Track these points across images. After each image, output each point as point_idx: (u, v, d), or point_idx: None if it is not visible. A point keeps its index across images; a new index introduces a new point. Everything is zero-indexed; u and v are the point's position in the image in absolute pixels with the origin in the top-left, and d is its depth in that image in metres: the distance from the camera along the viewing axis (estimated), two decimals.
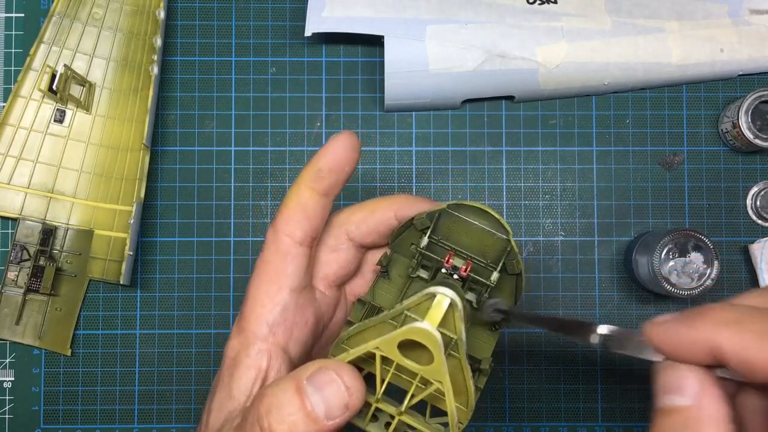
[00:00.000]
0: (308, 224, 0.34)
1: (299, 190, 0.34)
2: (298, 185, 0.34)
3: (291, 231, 0.34)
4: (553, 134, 0.50)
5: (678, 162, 0.50)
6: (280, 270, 0.34)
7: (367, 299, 0.36)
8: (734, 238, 0.49)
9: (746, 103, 0.46)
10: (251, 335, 0.33)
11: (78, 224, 0.49)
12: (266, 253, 0.34)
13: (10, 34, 0.51)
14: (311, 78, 0.50)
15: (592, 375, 0.49)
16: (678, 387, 0.24)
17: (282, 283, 0.33)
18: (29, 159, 0.49)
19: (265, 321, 0.33)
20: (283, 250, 0.34)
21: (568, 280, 0.49)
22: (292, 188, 0.35)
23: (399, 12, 0.47)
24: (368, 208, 0.37)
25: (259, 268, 0.34)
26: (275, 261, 0.34)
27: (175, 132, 0.50)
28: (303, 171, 0.34)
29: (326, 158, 0.34)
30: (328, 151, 0.34)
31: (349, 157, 0.34)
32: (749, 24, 0.49)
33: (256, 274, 0.34)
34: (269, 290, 0.33)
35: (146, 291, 0.49)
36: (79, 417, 0.49)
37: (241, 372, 0.32)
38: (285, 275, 0.34)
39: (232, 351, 0.33)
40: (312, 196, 0.34)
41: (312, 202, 0.34)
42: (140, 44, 0.49)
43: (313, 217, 0.34)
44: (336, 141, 0.34)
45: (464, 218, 0.34)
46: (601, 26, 0.48)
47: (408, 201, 0.36)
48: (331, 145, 0.34)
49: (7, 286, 0.48)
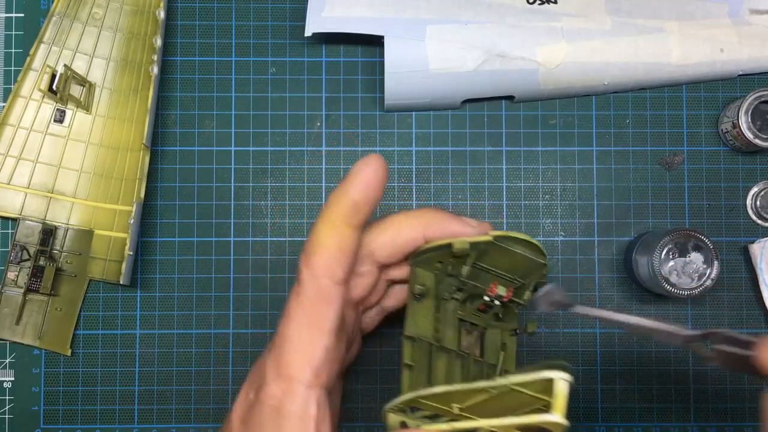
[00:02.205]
0: (347, 262, 0.32)
1: (336, 228, 0.32)
2: (333, 223, 0.32)
3: (332, 273, 0.32)
4: (553, 134, 0.50)
5: (678, 162, 0.50)
6: (322, 314, 0.32)
7: (414, 334, 0.35)
8: (734, 238, 0.49)
9: (746, 103, 0.46)
10: (296, 382, 0.31)
11: (78, 224, 0.49)
12: (305, 298, 0.32)
13: (10, 34, 0.51)
14: (311, 78, 0.50)
15: (592, 375, 0.49)
16: None
17: (324, 326, 0.32)
18: (29, 159, 0.49)
19: (311, 368, 0.31)
20: (325, 294, 0.32)
21: (568, 280, 0.49)
22: (325, 225, 0.32)
23: (399, 12, 0.47)
24: (394, 228, 0.35)
25: (298, 312, 0.32)
26: (317, 305, 0.32)
27: (175, 132, 0.50)
28: (334, 205, 0.32)
29: (361, 190, 0.32)
30: (361, 182, 0.32)
31: (381, 184, 0.32)
32: (749, 24, 0.49)
33: (295, 317, 0.32)
34: (311, 335, 0.32)
35: (146, 291, 0.49)
36: (79, 417, 0.49)
37: (294, 424, 0.31)
38: (327, 318, 0.32)
39: (272, 399, 0.32)
40: (350, 232, 0.32)
41: (350, 239, 0.32)
42: (140, 44, 0.49)
43: (351, 253, 0.32)
44: (367, 169, 0.32)
45: (507, 248, 0.34)
46: (601, 26, 0.48)
47: (436, 220, 0.35)
48: (363, 175, 0.32)
49: (7, 286, 0.48)
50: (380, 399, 0.48)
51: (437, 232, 0.35)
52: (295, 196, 0.50)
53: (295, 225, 0.50)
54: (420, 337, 0.35)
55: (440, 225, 0.34)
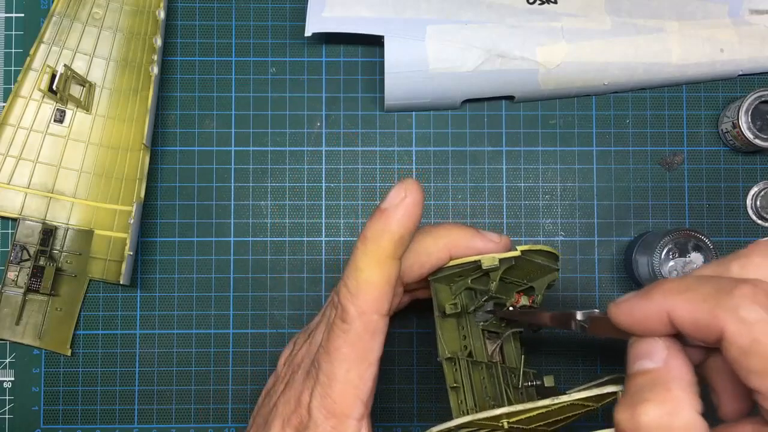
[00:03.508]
0: (392, 294, 0.32)
1: (384, 262, 0.31)
2: (380, 259, 0.31)
3: (380, 308, 0.31)
4: (553, 134, 0.50)
5: (678, 162, 0.50)
6: (369, 348, 0.32)
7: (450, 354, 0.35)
8: (734, 238, 0.49)
9: (746, 103, 0.46)
10: (348, 419, 0.31)
11: (78, 224, 0.49)
12: (354, 335, 0.31)
13: (10, 34, 0.51)
14: (311, 78, 0.50)
15: (592, 375, 0.49)
16: (647, 353, 0.26)
17: (371, 359, 0.32)
18: (29, 159, 0.49)
19: (361, 402, 0.32)
20: (372, 329, 0.32)
21: (568, 280, 0.49)
22: (371, 262, 0.31)
23: (399, 12, 0.47)
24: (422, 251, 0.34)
25: (345, 349, 0.32)
26: (366, 341, 0.31)
27: (175, 132, 0.50)
28: (379, 239, 0.31)
29: (405, 223, 0.31)
30: (405, 215, 0.31)
31: (421, 211, 0.32)
32: (749, 24, 0.49)
33: (342, 354, 0.32)
34: (361, 370, 0.32)
35: (146, 291, 0.49)
36: (79, 417, 0.49)
37: None
38: (374, 351, 0.32)
39: None
40: (395, 266, 0.32)
41: (395, 272, 0.32)
42: (140, 44, 0.49)
43: (395, 284, 0.32)
44: (408, 200, 0.31)
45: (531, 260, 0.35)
46: (601, 26, 0.48)
47: (462, 239, 0.34)
48: (405, 205, 0.31)
49: (7, 286, 0.48)
50: (380, 399, 0.48)
51: (463, 251, 0.35)
52: (295, 196, 0.50)
53: (295, 225, 0.50)
54: (454, 355, 0.36)
55: (466, 244, 0.35)
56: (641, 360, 0.26)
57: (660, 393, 0.24)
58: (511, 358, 0.38)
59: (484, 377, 0.36)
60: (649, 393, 0.24)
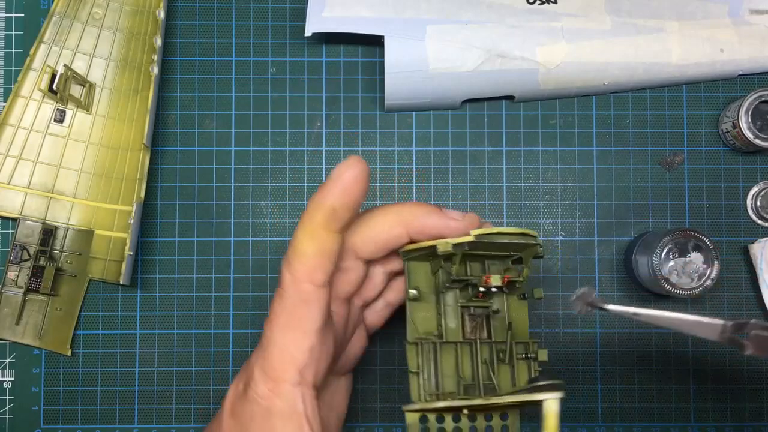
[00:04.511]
0: (329, 266, 0.32)
1: (316, 234, 0.32)
2: (313, 229, 0.32)
3: (313, 278, 0.32)
4: (553, 134, 0.50)
5: (678, 162, 0.50)
6: (304, 316, 0.32)
7: (416, 338, 0.36)
8: (734, 238, 0.49)
9: (746, 103, 0.46)
10: (282, 382, 0.32)
11: (78, 224, 0.49)
12: (287, 301, 0.32)
13: (10, 34, 0.51)
14: (311, 78, 0.50)
15: (592, 375, 0.49)
16: None
17: (307, 327, 0.32)
18: (29, 159, 0.49)
19: (295, 368, 0.32)
20: (306, 298, 0.32)
21: (568, 280, 0.49)
22: (305, 231, 0.32)
23: (399, 12, 0.47)
24: (375, 225, 0.35)
25: (281, 314, 0.33)
26: (299, 308, 0.32)
27: (175, 132, 0.50)
28: (313, 210, 0.32)
29: (340, 196, 0.32)
30: (339, 188, 0.32)
31: (362, 188, 0.32)
32: (749, 24, 0.49)
33: (278, 319, 0.33)
34: (295, 337, 0.32)
35: (146, 291, 0.49)
36: (79, 417, 0.49)
37: (285, 422, 0.32)
38: (309, 320, 0.32)
39: (262, 399, 0.32)
40: (330, 238, 0.32)
41: (331, 244, 0.32)
42: (140, 44, 0.49)
43: (332, 256, 0.32)
44: (346, 175, 0.31)
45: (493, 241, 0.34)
46: (601, 26, 0.48)
47: (416, 215, 0.34)
48: (342, 180, 0.31)
49: (7, 286, 0.48)
50: (381, 400, 0.48)
51: (418, 228, 0.34)
52: (295, 196, 0.50)
53: (295, 225, 0.49)
54: (423, 338, 0.36)
55: (421, 220, 0.34)
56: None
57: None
58: (498, 333, 0.37)
59: (464, 356, 0.36)
60: None
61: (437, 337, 0.36)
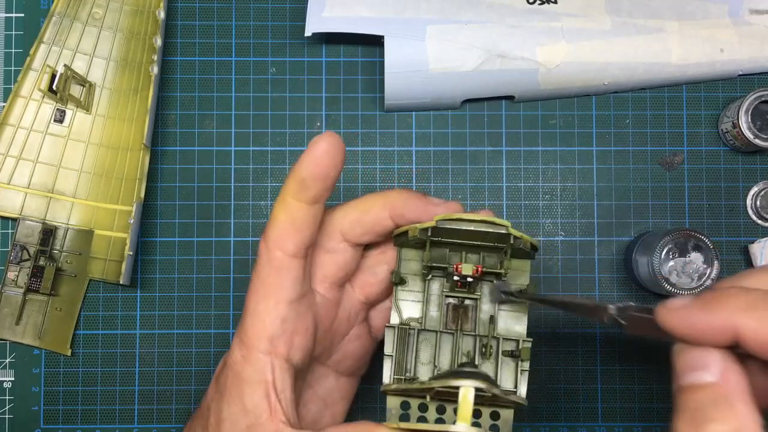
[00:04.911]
0: (299, 236, 0.33)
1: (285, 202, 0.33)
2: (284, 197, 0.33)
3: (282, 245, 0.33)
4: (553, 134, 0.50)
5: (678, 162, 0.50)
6: (275, 284, 0.33)
7: (396, 323, 0.36)
8: (734, 238, 0.49)
9: (746, 103, 0.46)
10: (253, 349, 0.33)
11: (78, 224, 0.49)
12: (260, 268, 0.33)
13: (10, 34, 0.51)
14: (311, 78, 0.50)
15: (592, 375, 0.49)
16: (702, 365, 0.25)
17: (279, 296, 0.33)
18: (29, 159, 0.49)
19: (265, 336, 0.33)
20: (276, 266, 0.33)
21: (568, 280, 0.49)
22: (278, 200, 0.33)
23: (399, 12, 0.47)
24: (361, 207, 0.36)
25: (255, 282, 0.34)
26: (270, 276, 0.33)
27: (175, 132, 0.50)
28: (287, 180, 0.33)
29: (308, 167, 0.33)
30: (309, 159, 0.33)
31: (332, 162, 0.33)
32: (749, 24, 0.49)
33: (253, 287, 0.34)
34: (267, 305, 0.33)
35: (146, 291, 0.49)
36: (79, 417, 0.49)
37: (253, 388, 0.32)
38: (281, 289, 0.33)
39: (236, 364, 0.33)
40: (300, 208, 0.33)
41: (301, 214, 0.33)
42: (140, 44, 0.49)
43: (304, 227, 0.33)
44: (317, 146, 0.33)
45: (458, 228, 0.34)
46: (601, 26, 0.48)
47: (400, 198, 0.35)
48: (312, 151, 0.33)
49: (7, 286, 0.48)
50: (381, 400, 0.48)
51: (401, 212, 0.35)
52: None
53: None
54: (403, 324, 0.36)
55: (404, 204, 0.35)
56: (696, 371, 0.25)
57: (724, 410, 0.24)
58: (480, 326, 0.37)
59: (443, 345, 0.36)
60: (713, 411, 0.24)
61: (419, 323, 0.36)
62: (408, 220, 0.35)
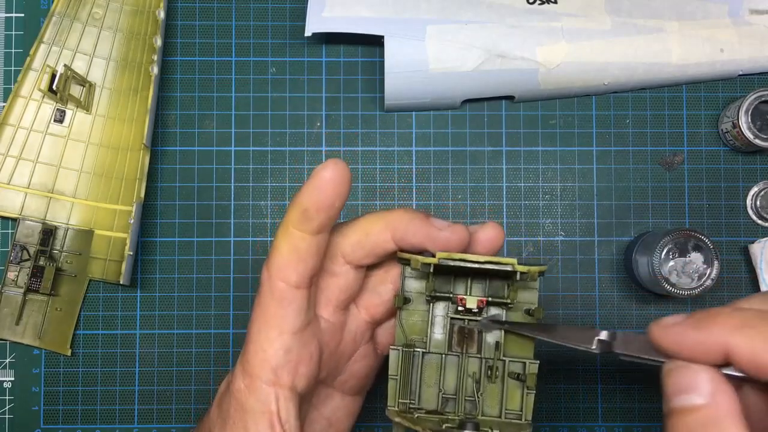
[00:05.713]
0: (303, 266, 0.32)
1: (288, 232, 0.32)
2: (287, 227, 0.32)
3: (285, 276, 0.32)
4: (553, 134, 0.50)
5: (678, 162, 0.50)
6: (277, 315, 0.32)
7: (401, 344, 0.35)
8: (734, 238, 0.49)
9: (746, 103, 0.46)
10: (257, 379, 0.32)
11: (78, 224, 0.49)
12: (262, 298, 0.33)
13: (10, 34, 0.51)
14: (311, 78, 0.50)
15: (592, 375, 0.49)
16: (692, 387, 0.25)
17: (282, 327, 0.32)
18: (29, 159, 0.49)
19: (269, 366, 0.32)
20: (279, 296, 0.32)
21: (568, 280, 0.49)
22: (281, 229, 0.32)
23: (399, 12, 0.47)
24: (362, 229, 0.34)
25: (257, 311, 0.33)
26: (272, 306, 0.32)
27: (175, 132, 0.50)
28: (289, 208, 0.32)
29: (311, 196, 0.31)
30: (312, 187, 0.31)
31: (337, 191, 0.31)
32: (749, 24, 0.49)
33: (255, 316, 0.33)
34: (269, 335, 0.32)
35: (146, 291, 0.49)
36: (79, 417, 0.49)
37: (257, 419, 0.32)
38: (284, 320, 0.32)
39: (239, 393, 0.33)
40: (303, 238, 0.32)
41: (304, 244, 0.32)
42: (140, 44, 0.49)
43: (308, 257, 0.32)
44: (320, 174, 0.31)
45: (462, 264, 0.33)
46: (601, 26, 0.48)
47: (403, 221, 0.34)
48: (316, 180, 0.31)
49: (7, 286, 0.48)
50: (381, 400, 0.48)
51: (402, 234, 0.34)
52: None
53: None
54: (408, 344, 0.36)
55: (406, 227, 0.34)
56: (686, 394, 0.25)
57: None
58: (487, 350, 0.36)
59: (449, 367, 0.36)
60: None
61: (423, 345, 0.36)
62: (410, 244, 0.34)
